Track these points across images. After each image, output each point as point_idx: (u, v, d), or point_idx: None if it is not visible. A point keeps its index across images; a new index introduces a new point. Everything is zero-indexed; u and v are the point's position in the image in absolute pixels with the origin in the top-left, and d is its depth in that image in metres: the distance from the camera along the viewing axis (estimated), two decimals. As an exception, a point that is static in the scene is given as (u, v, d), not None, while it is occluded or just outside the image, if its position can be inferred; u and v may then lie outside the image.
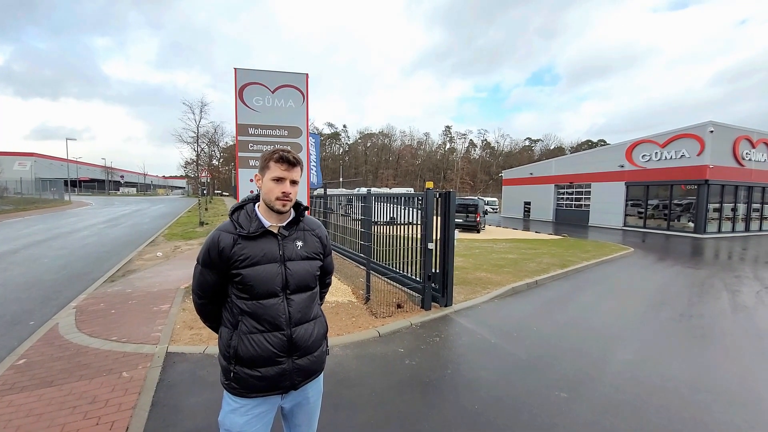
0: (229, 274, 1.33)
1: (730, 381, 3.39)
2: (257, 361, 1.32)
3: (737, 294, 6.63)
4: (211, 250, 1.33)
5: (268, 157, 1.36)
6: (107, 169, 64.76)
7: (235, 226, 1.35)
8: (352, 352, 3.77)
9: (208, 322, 1.49)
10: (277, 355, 1.34)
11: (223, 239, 1.32)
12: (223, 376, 1.38)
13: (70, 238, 11.16)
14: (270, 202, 1.36)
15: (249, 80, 5.55)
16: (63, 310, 4.80)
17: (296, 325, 1.38)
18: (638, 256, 11.08)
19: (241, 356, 1.31)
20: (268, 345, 1.33)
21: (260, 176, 1.40)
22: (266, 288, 1.33)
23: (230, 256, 1.31)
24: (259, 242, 1.35)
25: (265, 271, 1.33)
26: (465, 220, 16.70)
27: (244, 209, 1.41)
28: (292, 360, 1.37)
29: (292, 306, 1.38)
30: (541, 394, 3.07)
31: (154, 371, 3.17)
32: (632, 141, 22.23)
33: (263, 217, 1.39)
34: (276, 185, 1.35)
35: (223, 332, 1.39)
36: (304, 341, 1.39)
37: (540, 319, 4.98)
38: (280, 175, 1.34)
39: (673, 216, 20.26)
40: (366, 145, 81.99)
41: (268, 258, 1.35)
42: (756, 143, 20.27)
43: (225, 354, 1.35)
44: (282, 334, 1.35)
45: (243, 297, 1.33)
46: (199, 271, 1.38)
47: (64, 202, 30.21)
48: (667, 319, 5.14)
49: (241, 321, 1.34)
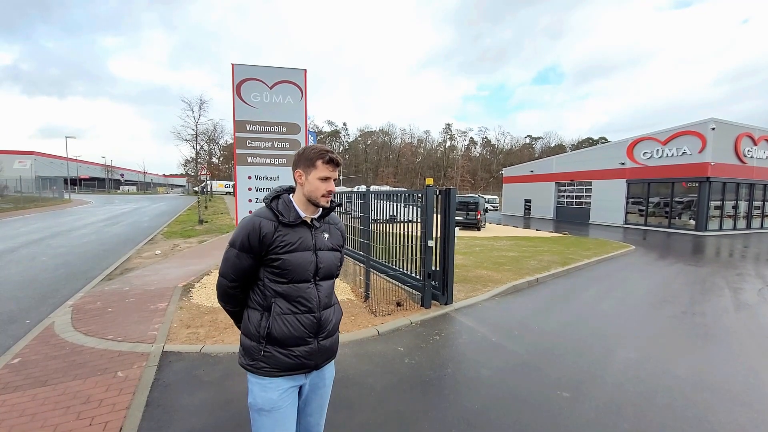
0: (266, 259, 1.40)
1: (733, 379, 3.35)
2: (290, 340, 1.41)
3: (739, 292, 6.57)
4: (251, 235, 1.38)
5: (315, 157, 1.43)
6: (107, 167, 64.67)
7: (275, 214, 1.42)
8: (350, 350, 3.72)
9: (231, 305, 1.53)
10: (308, 334, 1.44)
11: (265, 225, 1.39)
12: (247, 358, 1.43)
13: (69, 236, 11.12)
14: (315, 199, 1.46)
15: (247, 76, 5.48)
16: (59, 308, 4.75)
17: (324, 309, 1.49)
18: (639, 253, 11.02)
19: (275, 336, 1.39)
20: (301, 326, 1.42)
21: (302, 173, 1.46)
22: (301, 273, 1.42)
23: (272, 241, 1.39)
24: (296, 231, 1.44)
25: (302, 258, 1.43)
26: (465, 217, 16.63)
27: (281, 199, 1.48)
28: (318, 341, 1.47)
29: (321, 291, 1.49)
30: (542, 393, 3.02)
31: (149, 371, 3.13)
32: (633, 138, 22.13)
33: (299, 208, 1.48)
34: (323, 183, 1.44)
35: (253, 315, 1.45)
36: (327, 323, 1.51)
37: (541, 317, 4.93)
38: (328, 175, 1.44)
39: (675, 213, 20.18)
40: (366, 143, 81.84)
41: (303, 246, 1.44)
42: (758, 140, 20.17)
43: (255, 334, 1.42)
44: (313, 316, 1.45)
45: (279, 281, 1.42)
46: (235, 254, 1.41)
47: (64, 200, 30.17)
48: (670, 317, 5.09)
49: (275, 303, 1.42)
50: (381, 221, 6.04)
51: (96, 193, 52.04)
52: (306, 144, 5.93)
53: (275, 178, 5.59)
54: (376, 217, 6.09)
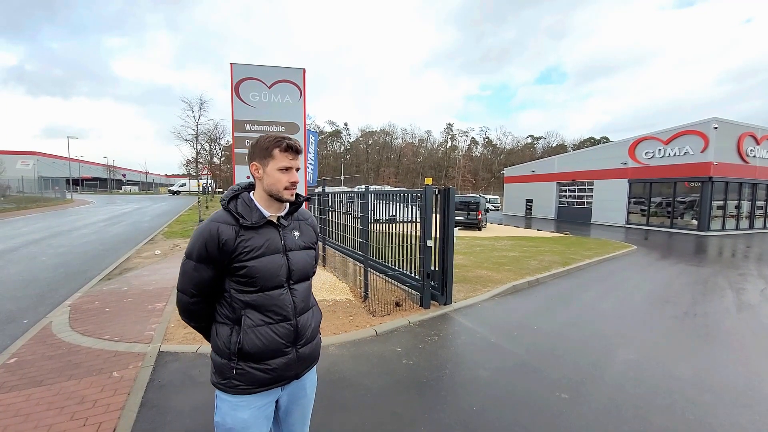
0: (230, 268, 1.26)
1: (735, 381, 3.30)
2: (265, 353, 1.28)
3: (742, 292, 6.52)
4: (209, 243, 1.24)
5: (271, 146, 1.29)
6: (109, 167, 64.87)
7: (235, 217, 1.28)
8: (348, 351, 3.70)
9: (196, 322, 1.40)
10: (285, 345, 1.32)
11: (224, 231, 1.24)
12: (218, 376, 1.30)
13: (70, 236, 11.13)
14: (278, 193, 1.32)
15: (245, 75, 5.46)
16: (57, 308, 4.75)
17: (301, 314, 1.38)
18: (641, 253, 10.96)
19: (247, 351, 1.26)
20: (276, 336, 1.30)
21: (259, 165, 1.32)
22: (272, 279, 1.30)
23: (234, 248, 1.25)
24: (261, 233, 1.31)
25: (271, 262, 1.30)
26: (466, 217, 16.59)
27: (240, 198, 1.34)
28: (296, 349, 1.36)
29: (296, 296, 1.37)
30: (541, 394, 2.99)
31: (145, 371, 3.11)
32: (635, 138, 22.03)
33: (262, 207, 1.34)
34: (284, 175, 1.31)
35: (221, 330, 1.32)
36: (306, 329, 1.40)
37: (541, 318, 4.90)
38: (288, 165, 1.30)
39: (677, 213, 20.07)
40: (367, 143, 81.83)
41: (271, 249, 1.31)
42: (760, 140, 20.04)
43: (225, 351, 1.29)
44: (289, 324, 1.33)
45: (247, 290, 1.28)
46: (193, 267, 1.28)
47: (66, 200, 30.27)
48: (671, 318, 5.05)
49: (245, 315, 1.28)
50: (381, 221, 6.01)
51: (98, 193, 52.19)
52: (305, 144, 5.91)
53: (274, 178, 5.57)
54: (377, 217, 6.06)
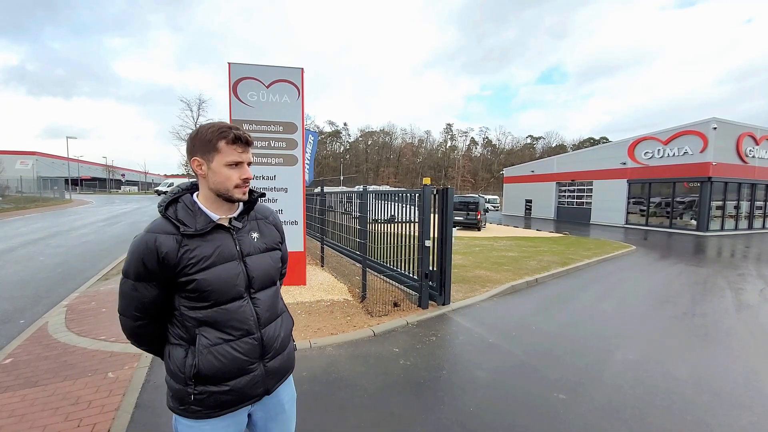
0: (177, 283, 1.11)
1: (734, 381, 3.29)
2: (227, 374, 1.14)
3: (741, 292, 6.51)
4: (147, 259, 1.07)
5: (216, 137, 1.11)
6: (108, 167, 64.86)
7: (175, 225, 1.11)
8: (345, 351, 3.68)
9: (147, 345, 1.23)
10: (249, 362, 1.18)
11: (164, 243, 1.08)
12: (176, 402, 1.16)
13: (68, 236, 11.11)
14: (227, 192, 1.15)
15: (243, 75, 5.45)
16: (54, 308, 4.73)
17: (265, 325, 1.24)
18: (640, 254, 10.95)
19: (205, 374, 1.12)
20: (238, 354, 1.16)
21: (201, 160, 1.14)
22: (228, 291, 1.15)
23: (177, 261, 1.09)
24: (209, 239, 1.14)
25: (224, 272, 1.14)
26: (466, 217, 16.57)
27: (180, 202, 1.17)
28: (263, 364, 1.22)
29: (259, 306, 1.22)
30: (539, 395, 2.97)
31: (140, 371, 3.09)
32: (635, 138, 22.03)
33: (208, 209, 1.17)
34: (233, 171, 1.14)
35: (175, 352, 1.16)
36: (274, 341, 1.26)
37: (540, 318, 4.88)
38: (238, 159, 1.14)
39: (676, 213, 20.08)
40: (367, 143, 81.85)
41: (223, 256, 1.15)
42: (760, 140, 20.05)
43: (179, 376, 1.14)
44: (253, 338, 1.19)
45: (200, 306, 1.13)
46: (132, 286, 1.11)
47: (65, 200, 30.22)
48: (670, 318, 5.04)
49: (200, 334, 1.13)
50: (381, 221, 5.99)
51: (97, 193, 52.14)
52: (303, 144, 5.89)
53: (272, 178, 5.56)
54: (376, 217, 6.04)
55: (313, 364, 3.38)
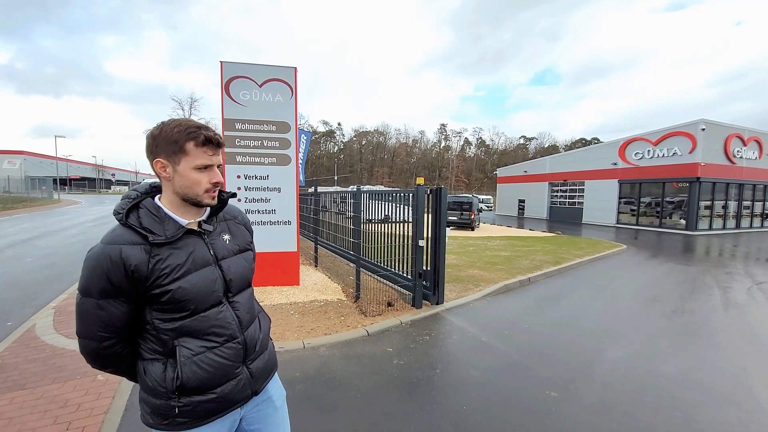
0: (149, 296, 1.02)
1: (722, 378, 3.35)
2: (213, 381, 1.09)
3: (729, 290, 6.63)
4: (112, 274, 0.97)
5: (183, 138, 1.02)
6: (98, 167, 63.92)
7: (141, 234, 1.02)
8: (339, 351, 3.67)
9: (115, 367, 1.12)
10: (234, 366, 1.14)
11: (131, 255, 0.98)
12: (157, 418, 1.07)
13: (56, 237, 10.93)
14: (195, 197, 1.08)
15: (236, 74, 5.42)
16: (42, 310, 4.65)
17: (247, 328, 1.20)
18: (631, 253, 11.10)
19: (191, 385, 1.05)
20: (223, 360, 1.11)
21: (166, 162, 1.05)
22: (207, 298, 1.08)
23: (149, 273, 1.00)
24: (180, 246, 1.07)
25: (200, 279, 1.07)
26: (459, 217, 16.65)
27: (142, 208, 1.07)
28: (246, 366, 1.18)
29: (239, 309, 1.18)
30: (531, 393, 3.00)
31: (130, 373, 3.06)
32: (625, 139, 22.32)
33: (176, 214, 1.09)
34: (203, 174, 1.06)
35: (151, 368, 1.07)
36: (255, 342, 1.22)
37: (532, 317, 4.92)
38: (208, 162, 1.06)
39: (665, 213, 20.39)
40: (361, 143, 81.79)
41: (198, 263, 1.08)
42: (747, 141, 20.44)
43: (159, 391, 1.06)
44: (236, 342, 1.14)
45: (177, 317, 1.06)
46: (95, 305, 1.00)
47: (53, 200, 29.69)
48: (659, 316, 5.11)
49: (180, 345, 1.06)
50: (375, 221, 5.99)
51: (86, 193, 51.39)
52: (297, 143, 5.87)
53: (265, 177, 5.53)
54: (370, 217, 6.04)
55: (307, 365, 3.37)
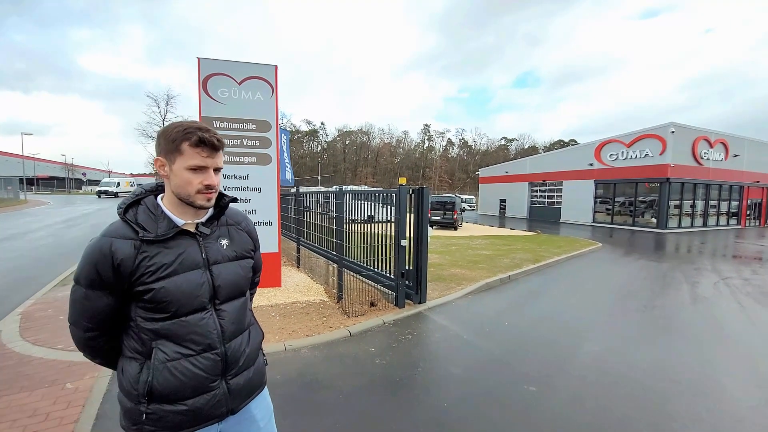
0: (133, 292, 1.02)
1: (691, 370, 3.51)
2: (184, 392, 1.05)
3: (696, 285, 6.96)
4: (100, 265, 0.99)
5: (180, 138, 1.02)
6: (68, 166, 61.04)
7: (134, 229, 1.02)
8: (321, 353, 3.65)
9: (102, 358, 1.15)
10: (210, 379, 1.08)
11: (120, 248, 0.99)
12: (127, 422, 1.06)
13: (23, 239, 10.39)
14: (187, 197, 1.06)
15: (214, 71, 5.29)
16: (8, 316, 4.41)
17: (230, 339, 1.14)
18: (606, 250, 11.50)
19: (160, 392, 1.03)
20: (198, 370, 1.06)
21: (165, 161, 1.06)
22: (189, 302, 1.05)
23: (134, 269, 1.00)
24: (171, 246, 1.06)
25: (185, 282, 1.05)
26: (443, 217, 16.81)
27: (142, 204, 1.08)
28: (225, 381, 1.12)
29: (224, 318, 1.13)
30: (510, 388, 3.06)
31: (101, 381, 2.94)
32: (601, 141, 23.11)
33: (173, 213, 1.09)
34: (194, 175, 1.04)
35: (129, 367, 1.06)
36: (238, 356, 1.16)
37: (512, 314, 5.03)
38: (201, 164, 1.04)
39: (638, 212, 21.25)
40: (345, 143, 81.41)
41: (187, 265, 1.06)
42: (714, 143, 21.51)
43: (131, 393, 1.04)
44: (215, 354, 1.09)
45: (157, 318, 1.04)
46: (83, 295, 1.03)
47: (20, 201, 28.19)
48: (632, 311, 5.32)
49: (157, 348, 1.04)
50: (359, 221, 5.97)
51: (55, 193, 49.03)
52: (278, 143, 5.78)
53: (245, 177, 5.42)
54: (354, 218, 6.02)
55: (288, 367, 3.33)
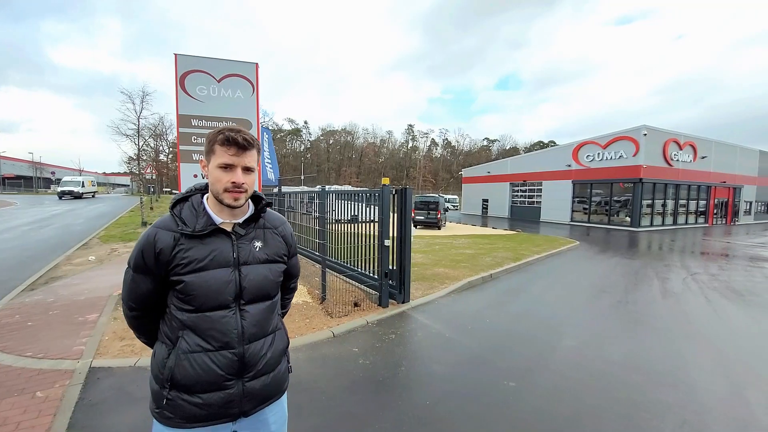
0: (169, 281, 1.11)
1: (661, 362, 3.67)
2: (199, 385, 1.10)
3: (666, 281, 7.27)
4: (145, 251, 1.10)
5: (213, 139, 1.12)
6: (35, 164, 58.08)
7: (176, 222, 1.12)
8: (304, 354, 3.61)
9: (143, 337, 1.27)
10: (225, 378, 1.12)
11: (162, 238, 1.09)
12: (153, 403, 1.14)
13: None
14: (218, 194, 1.13)
15: (192, 67, 5.15)
16: (-33, 324, 4.16)
17: (250, 341, 1.17)
18: (583, 248, 11.86)
19: (179, 380, 1.09)
20: (214, 366, 1.10)
21: (206, 162, 1.16)
22: (214, 298, 1.11)
23: (170, 259, 1.09)
24: (207, 242, 1.13)
25: (213, 278, 1.11)
26: (426, 217, 16.93)
27: (189, 201, 1.17)
28: (242, 382, 1.15)
29: (247, 319, 1.16)
30: (491, 384, 3.12)
31: (73, 389, 2.81)
32: (578, 142, 23.83)
33: (213, 212, 1.16)
34: (224, 173, 1.11)
35: (159, 350, 1.16)
36: (257, 359, 1.18)
37: (493, 312, 5.12)
38: (228, 161, 1.10)
39: (613, 211, 22.03)
40: (329, 142, 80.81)
41: (217, 262, 1.12)
42: (683, 145, 22.53)
43: (158, 376, 1.12)
44: (232, 353, 1.12)
45: (185, 309, 1.11)
46: (131, 277, 1.14)
47: (-18, 201, 26.67)
48: (607, 306, 5.50)
49: (182, 337, 1.11)
50: (343, 221, 5.94)
51: (22, 193, 46.62)
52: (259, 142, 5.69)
53: (224, 177, 5.30)
54: (338, 218, 5.98)
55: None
